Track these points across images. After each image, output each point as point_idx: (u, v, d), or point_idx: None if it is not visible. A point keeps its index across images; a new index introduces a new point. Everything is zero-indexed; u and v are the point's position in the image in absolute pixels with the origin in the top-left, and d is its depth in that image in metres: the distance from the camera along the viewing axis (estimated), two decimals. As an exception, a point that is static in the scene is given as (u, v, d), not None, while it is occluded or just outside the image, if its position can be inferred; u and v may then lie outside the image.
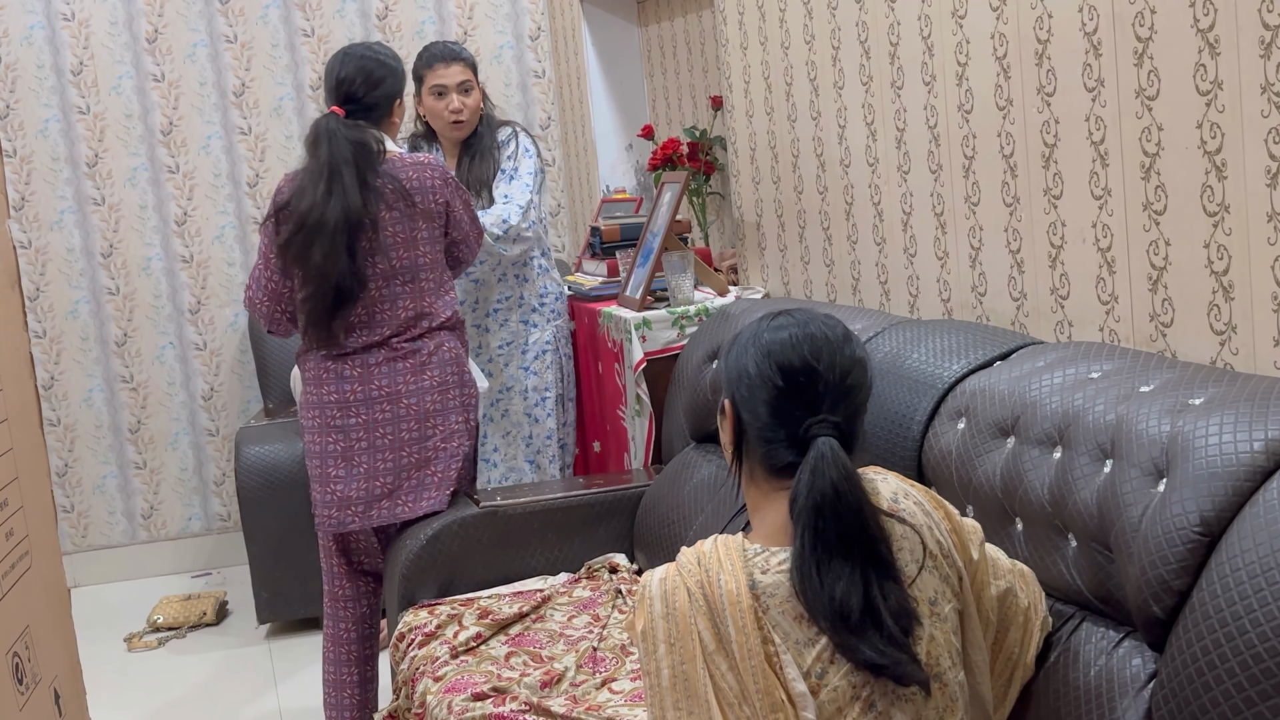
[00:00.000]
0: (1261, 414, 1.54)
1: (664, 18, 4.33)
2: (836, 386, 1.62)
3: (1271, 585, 1.37)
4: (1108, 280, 2.10)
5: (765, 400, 1.63)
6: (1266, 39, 1.70)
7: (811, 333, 1.65)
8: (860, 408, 1.65)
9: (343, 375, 2.87)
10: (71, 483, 4.81)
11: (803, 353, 1.62)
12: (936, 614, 1.57)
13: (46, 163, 4.68)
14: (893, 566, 1.55)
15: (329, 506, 2.90)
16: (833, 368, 1.62)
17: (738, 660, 1.52)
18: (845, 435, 1.60)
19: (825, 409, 1.61)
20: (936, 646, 1.56)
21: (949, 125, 2.47)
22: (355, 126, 2.86)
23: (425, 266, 2.89)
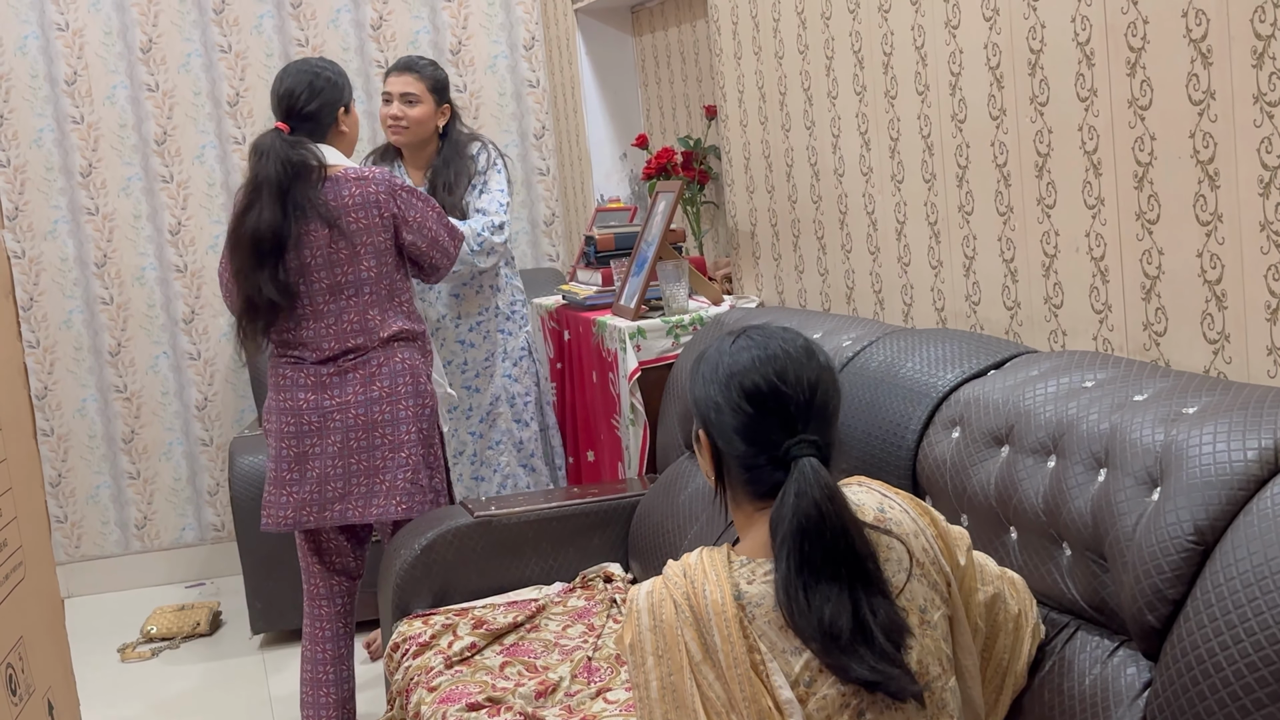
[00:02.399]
0: (1255, 423, 1.54)
1: (658, 27, 4.33)
2: (808, 404, 1.60)
3: (1266, 594, 1.37)
4: (1101, 289, 2.10)
5: (738, 428, 1.61)
6: (1259, 49, 1.71)
7: (773, 352, 1.62)
8: (833, 418, 1.64)
9: (298, 384, 2.98)
10: (65, 493, 4.80)
11: (768, 375, 1.60)
12: (926, 621, 1.57)
13: (40, 172, 4.68)
14: (881, 581, 1.54)
15: (283, 508, 3.00)
16: (800, 385, 1.60)
17: (724, 669, 1.52)
18: (823, 450, 1.59)
19: (801, 428, 1.59)
20: (927, 654, 1.55)
21: (943, 135, 2.47)
22: (296, 144, 2.92)
23: (370, 280, 2.96)
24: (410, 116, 3.60)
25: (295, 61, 3.07)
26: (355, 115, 3.11)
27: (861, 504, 1.62)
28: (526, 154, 5.06)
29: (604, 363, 3.46)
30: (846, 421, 2.25)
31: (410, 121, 3.60)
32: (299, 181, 2.90)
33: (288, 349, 3.01)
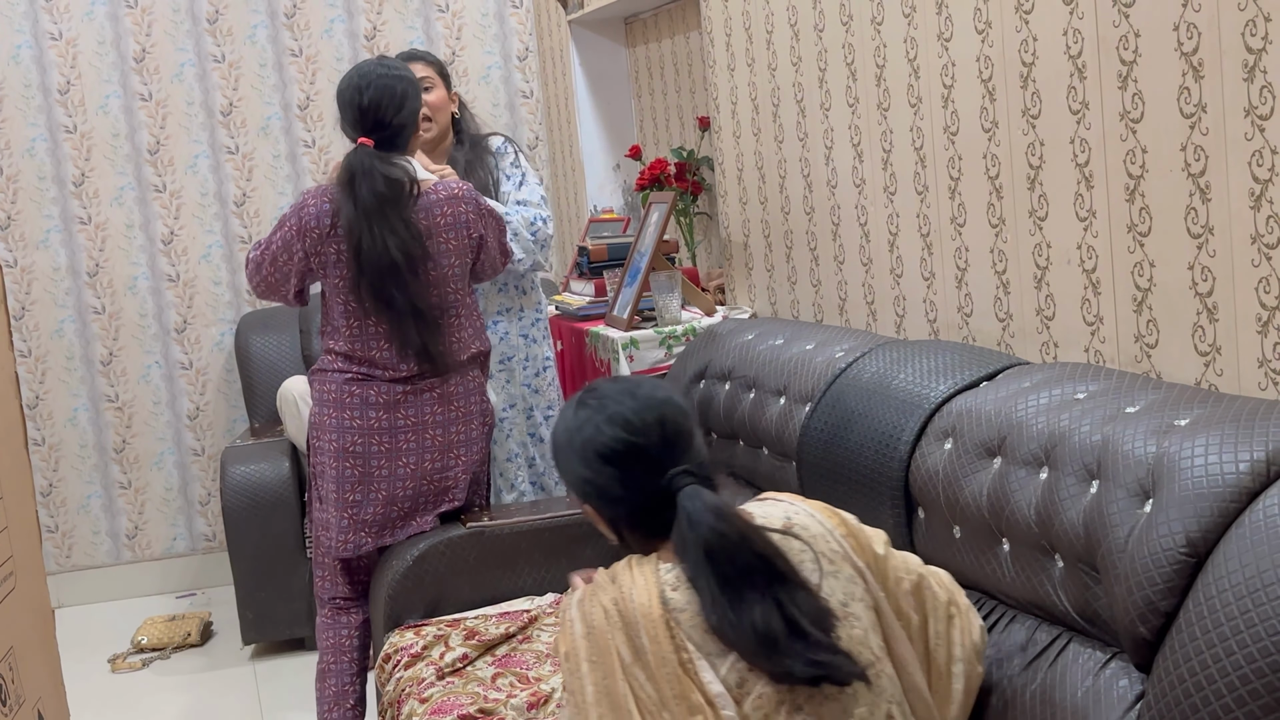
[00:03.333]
0: (1247, 435, 1.54)
1: (651, 39, 4.34)
2: (663, 441, 1.68)
3: (1258, 606, 1.37)
4: (1093, 301, 2.11)
5: (615, 494, 1.70)
6: (1250, 62, 1.71)
7: (612, 412, 1.70)
8: (691, 439, 1.71)
9: (368, 401, 2.85)
10: (56, 502, 4.79)
11: (616, 434, 1.68)
12: (850, 614, 1.63)
13: (33, 181, 4.67)
14: (796, 575, 1.61)
15: (346, 531, 2.89)
16: (648, 429, 1.68)
17: (653, 670, 1.58)
18: (698, 473, 1.66)
19: (669, 464, 1.66)
20: (855, 644, 1.61)
21: (935, 147, 2.48)
22: (388, 161, 2.80)
23: (455, 304, 2.89)
24: (430, 103, 3.34)
25: (368, 65, 2.89)
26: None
27: (769, 515, 1.69)
28: (520, 164, 5.06)
29: (597, 373, 3.46)
30: (839, 432, 2.26)
31: (431, 108, 3.35)
32: (395, 203, 2.77)
33: (354, 364, 2.85)
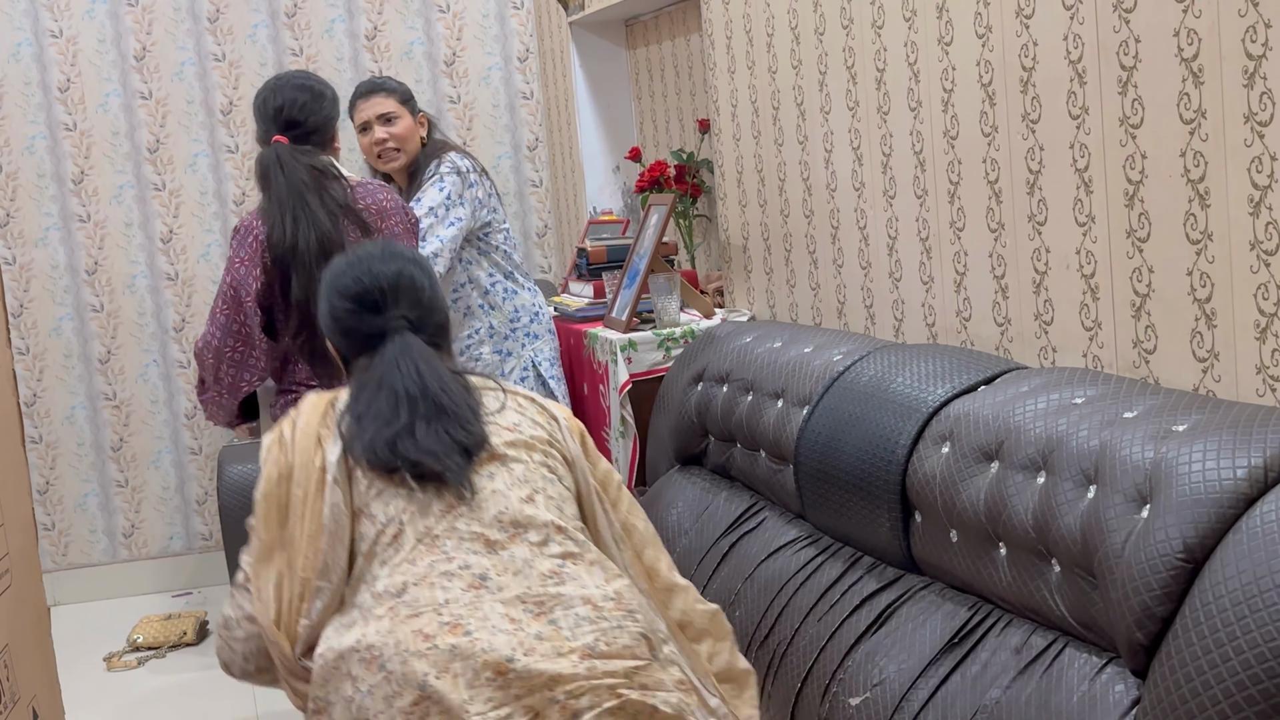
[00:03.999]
0: (1244, 441, 1.54)
1: (652, 41, 4.34)
2: (394, 290, 1.92)
3: (1255, 612, 1.37)
4: (1091, 306, 2.11)
5: (346, 325, 1.95)
6: (1249, 69, 1.71)
7: (358, 259, 1.97)
8: (427, 304, 1.95)
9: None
10: (53, 500, 4.79)
11: (354, 274, 1.94)
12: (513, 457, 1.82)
13: (32, 179, 4.67)
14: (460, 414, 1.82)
15: None
16: (380, 277, 1.93)
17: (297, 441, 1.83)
18: (417, 325, 1.91)
19: (393, 309, 1.91)
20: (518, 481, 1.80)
21: (934, 151, 2.48)
22: (306, 152, 2.79)
23: None
24: (396, 134, 3.40)
25: (285, 74, 2.94)
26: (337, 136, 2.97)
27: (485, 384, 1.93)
28: (519, 166, 5.07)
29: (595, 375, 3.46)
30: (836, 435, 2.25)
31: (397, 140, 3.40)
32: (330, 183, 2.76)
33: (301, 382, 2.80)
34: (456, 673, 1.57)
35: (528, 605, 1.64)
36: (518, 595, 1.65)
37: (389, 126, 3.40)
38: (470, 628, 1.60)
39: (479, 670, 1.57)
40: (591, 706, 1.57)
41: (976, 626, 1.90)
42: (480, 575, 1.67)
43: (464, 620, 1.61)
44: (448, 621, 1.61)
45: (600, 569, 1.73)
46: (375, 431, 1.78)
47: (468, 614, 1.61)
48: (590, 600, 1.66)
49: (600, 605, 1.66)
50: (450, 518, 1.72)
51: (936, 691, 1.86)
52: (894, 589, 2.11)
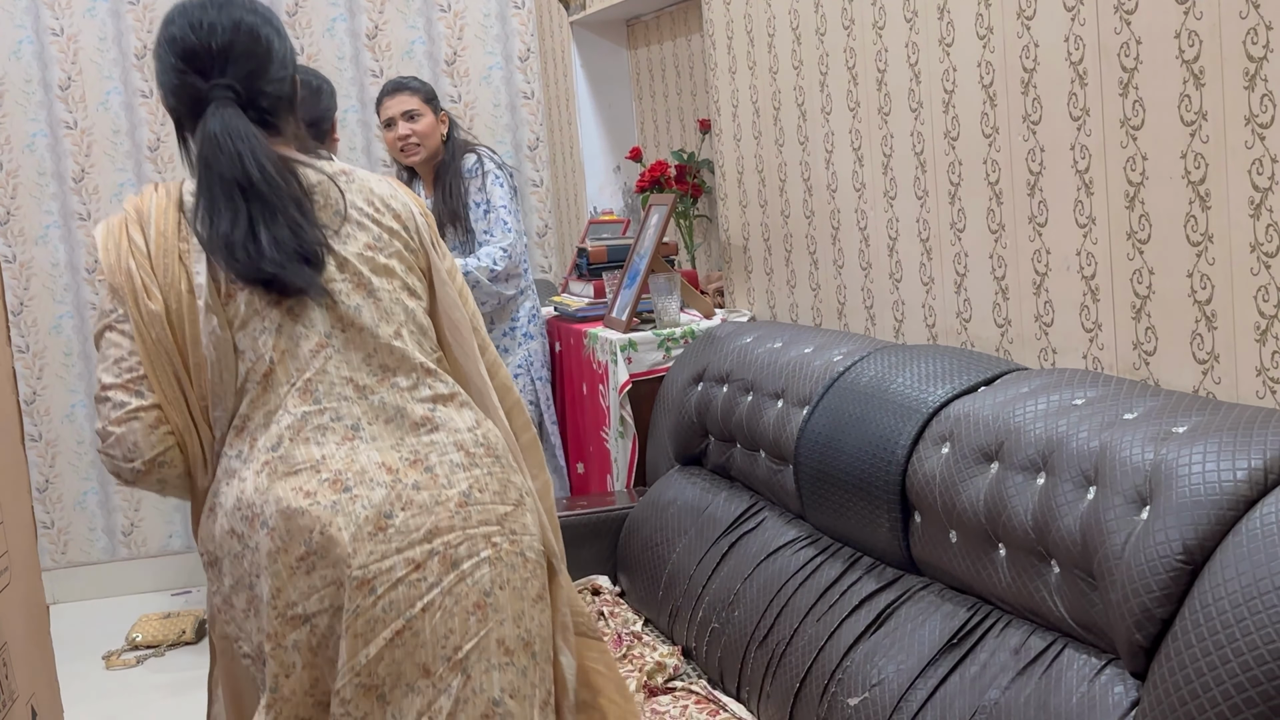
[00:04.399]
0: (1244, 443, 1.54)
1: (653, 41, 4.34)
2: (222, 50, 1.72)
3: (1254, 614, 1.37)
4: (1091, 308, 2.11)
5: (171, 83, 1.75)
6: (1250, 71, 1.71)
7: (191, 7, 1.74)
8: (262, 71, 1.74)
9: None
10: (52, 499, 4.79)
11: (182, 24, 1.73)
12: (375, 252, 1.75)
13: (33, 177, 4.67)
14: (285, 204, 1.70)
15: None
16: (212, 32, 1.72)
17: (156, 257, 1.70)
18: (244, 96, 1.72)
19: (219, 75, 1.71)
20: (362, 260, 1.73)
21: (935, 152, 2.48)
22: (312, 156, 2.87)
23: None
24: (418, 131, 3.66)
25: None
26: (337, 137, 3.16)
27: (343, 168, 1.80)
28: (520, 165, 5.07)
29: (594, 375, 3.46)
30: (836, 436, 2.25)
31: (419, 136, 3.66)
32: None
33: None
34: (340, 527, 1.59)
35: (403, 454, 1.66)
36: (392, 444, 1.66)
37: (412, 123, 3.66)
38: (349, 483, 1.62)
39: (360, 525, 1.60)
40: (469, 555, 1.63)
41: (976, 627, 1.90)
42: (353, 426, 1.67)
43: (343, 475, 1.63)
44: (327, 478, 1.62)
45: (470, 410, 1.74)
46: (228, 235, 1.68)
47: (345, 468, 1.63)
48: (463, 446, 1.69)
49: (472, 451, 1.70)
50: (320, 359, 1.69)
51: (935, 692, 1.86)
52: (893, 589, 2.12)
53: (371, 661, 1.58)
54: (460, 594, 1.61)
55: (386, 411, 1.69)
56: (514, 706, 1.62)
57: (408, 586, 1.60)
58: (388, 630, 1.58)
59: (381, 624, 1.58)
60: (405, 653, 1.59)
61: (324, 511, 1.60)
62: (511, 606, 1.64)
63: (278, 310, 1.69)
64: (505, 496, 1.69)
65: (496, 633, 1.63)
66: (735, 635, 2.38)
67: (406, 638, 1.59)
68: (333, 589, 1.59)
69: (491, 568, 1.64)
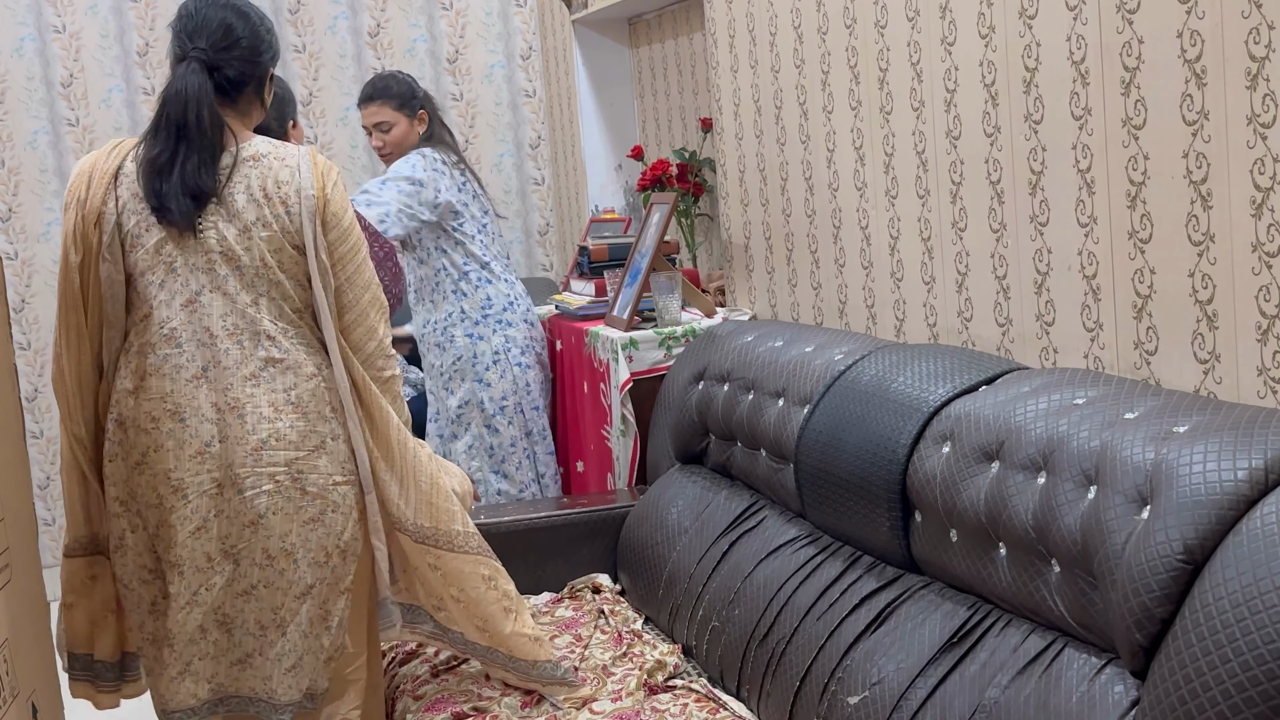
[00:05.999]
0: (1245, 443, 1.54)
1: (655, 39, 4.34)
2: (202, 28, 2.24)
3: (1255, 614, 1.37)
4: (1093, 307, 2.11)
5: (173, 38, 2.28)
6: (1252, 70, 1.71)
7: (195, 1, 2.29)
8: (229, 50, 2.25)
9: None
10: (53, 495, 4.78)
11: (187, 7, 2.28)
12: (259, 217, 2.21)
13: (34, 174, 4.67)
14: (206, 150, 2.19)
15: None
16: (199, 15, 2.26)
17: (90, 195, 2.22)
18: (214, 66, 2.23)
19: (194, 40, 2.24)
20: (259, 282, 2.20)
21: (937, 151, 2.48)
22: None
23: None
24: (390, 140, 3.71)
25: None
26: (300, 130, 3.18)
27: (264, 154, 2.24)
28: (522, 164, 5.07)
29: (595, 373, 3.46)
30: (837, 435, 2.25)
31: (391, 145, 3.71)
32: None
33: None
34: (170, 448, 2.17)
35: (229, 399, 2.17)
36: (223, 389, 2.17)
37: (384, 134, 3.73)
38: (185, 415, 2.17)
39: (185, 447, 2.17)
40: (253, 487, 2.17)
41: (976, 626, 1.90)
42: (202, 367, 2.18)
43: (182, 409, 2.17)
44: (170, 409, 2.18)
45: (293, 374, 2.21)
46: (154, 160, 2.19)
47: (185, 404, 2.17)
48: (274, 404, 2.19)
49: (281, 409, 2.19)
50: (188, 312, 2.18)
51: (935, 691, 1.86)
52: (893, 588, 2.12)
53: (178, 545, 2.17)
54: (241, 511, 2.18)
55: (228, 361, 2.18)
56: (265, 592, 2.20)
57: (209, 498, 2.18)
58: (191, 525, 2.17)
59: (188, 520, 2.17)
60: (199, 542, 2.18)
61: (161, 435, 2.17)
62: (279, 527, 2.19)
63: (163, 268, 2.19)
64: (301, 445, 2.19)
65: (263, 544, 2.19)
66: (735, 634, 2.39)
67: (201, 532, 2.18)
68: (151, 490, 2.19)
69: (269, 498, 2.18)
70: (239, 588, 2.21)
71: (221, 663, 2.24)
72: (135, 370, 2.20)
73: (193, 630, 2.21)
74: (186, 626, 2.20)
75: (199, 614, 2.20)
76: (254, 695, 2.24)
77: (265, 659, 2.22)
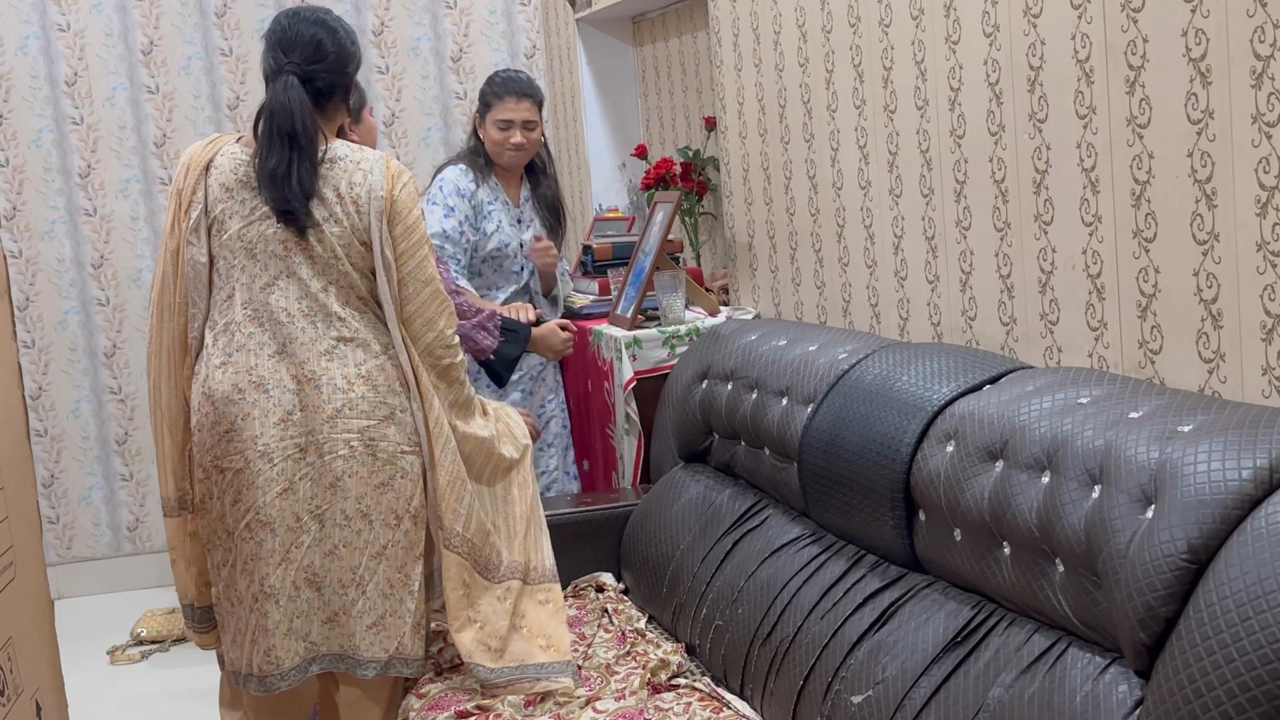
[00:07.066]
0: (1250, 442, 1.54)
1: (659, 38, 4.34)
2: (294, 42, 2.43)
3: (1259, 614, 1.37)
4: (1097, 306, 2.10)
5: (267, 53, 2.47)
6: (1257, 69, 1.71)
7: (289, 10, 2.49)
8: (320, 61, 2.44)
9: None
10: (57, 494, 4.79)
11: (278, 22, 2.47)
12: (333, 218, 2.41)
13: (39, 173, 4.67)
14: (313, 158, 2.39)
15: None
16: (292, 32, 2.45)
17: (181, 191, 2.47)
18: (305, 73, 2.42)
19: (289, 54, 2.43)
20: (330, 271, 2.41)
21: (941, 150, 2.48)
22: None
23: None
24: (532, 140, 3.59)
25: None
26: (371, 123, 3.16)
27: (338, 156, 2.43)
28: (525, 162, 5.06)
29: (599, 372, 3.46)
30: (841, 433, 2.25)
31: (531, 145, 3.59)
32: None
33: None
34: (256, 416, 2.37)
35: (306, 372, 2.38)
36: (301, 362, 2.38)
37: (529, 133, 3.58)
38: (269, 387, 2.38)
39: (270, 415, 2.37)
40: (330, 451, 2.37)
41: (979, 626, 1.90)
42: (282, 344, 2.39)
43: (265, 381, 2.38)
44: (255, 381, 2.38)
45: (363, 350, 2.41)
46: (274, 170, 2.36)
47: (269, 376, 2.38)
48: (347, 377, 2.39)
49: (353, 381, 2.39)
50: (266, 294, 2.39)
51: (939, 690, 1.86)
52: (897, 587, 2.11)
53: (267, 506, 2.36)
54: (322, 473, 2.38)
55: (304, 338, 2.38)
56: (345, 552, 2.39)
57: (293, 462, 2.37)
58: (278, 486, 2.36)
59: (274, 482, 2.36)
60: (287, 503, 2.37)
61: (246, 403, 2.37)
62: (355, 489, 2.38)
63: (244, 254, 2.41)
64: (372, 414, 2.39)
65: (341, 505, 2.38)
66: (739, 632, 2.39)
67: (288, 493, 2.37)
68: (240, 455, 2.37)
69: (345, 462, 2.37)
70: (325, 547, 2.39)
71: (314, 620, 2.41)
72: (223, 347, 2.41)
73: (289, 587, 2.38)
74: (285, 583, 2.38)
75: (292, 571, 2.38)
76: (342, 651, 2.42)
77: (349, 616, 2.40)
